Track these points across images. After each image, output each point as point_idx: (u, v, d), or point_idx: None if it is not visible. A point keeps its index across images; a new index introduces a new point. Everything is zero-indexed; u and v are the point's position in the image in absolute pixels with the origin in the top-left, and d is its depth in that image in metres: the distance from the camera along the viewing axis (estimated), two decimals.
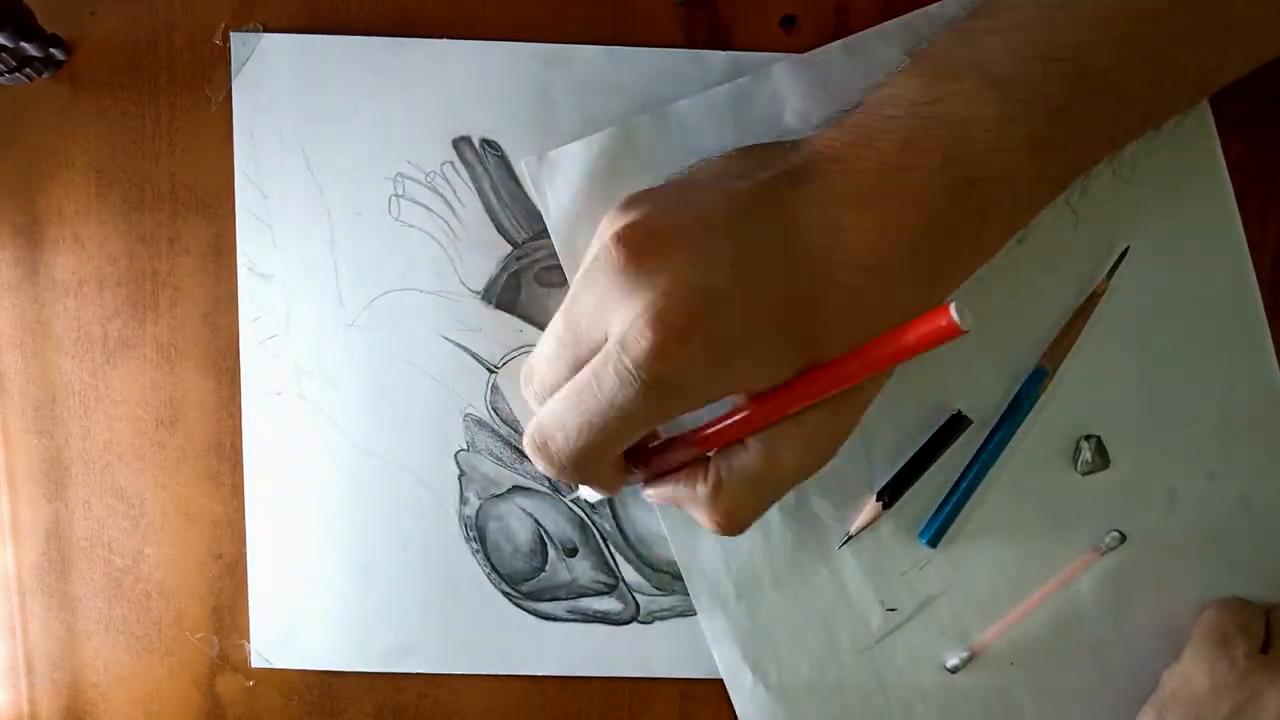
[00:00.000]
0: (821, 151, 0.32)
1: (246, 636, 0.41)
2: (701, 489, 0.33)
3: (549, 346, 0.32)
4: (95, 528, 0.41)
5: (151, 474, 0.41)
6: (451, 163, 0.39)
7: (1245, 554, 0.39)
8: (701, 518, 0.34)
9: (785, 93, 0.38)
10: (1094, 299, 0.39)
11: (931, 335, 0.26)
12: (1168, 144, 0.37)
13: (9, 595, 0.42)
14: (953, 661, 0.40)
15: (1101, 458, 0.39)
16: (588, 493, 0.38)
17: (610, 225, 0.30)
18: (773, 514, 0.40)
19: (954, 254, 0.32)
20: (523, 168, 0.39)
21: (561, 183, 0.38)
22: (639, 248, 0.29)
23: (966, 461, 0.39)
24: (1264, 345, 0.39)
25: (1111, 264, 0.39)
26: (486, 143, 0.39)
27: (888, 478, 0.39)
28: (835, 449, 0.33)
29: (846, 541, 0.40)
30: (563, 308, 0.32)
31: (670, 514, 0.40)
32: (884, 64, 0.35)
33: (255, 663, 0.41)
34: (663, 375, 0.28)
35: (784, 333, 0.30)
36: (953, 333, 0.26)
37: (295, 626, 0.41)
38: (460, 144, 0.39)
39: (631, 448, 0.33)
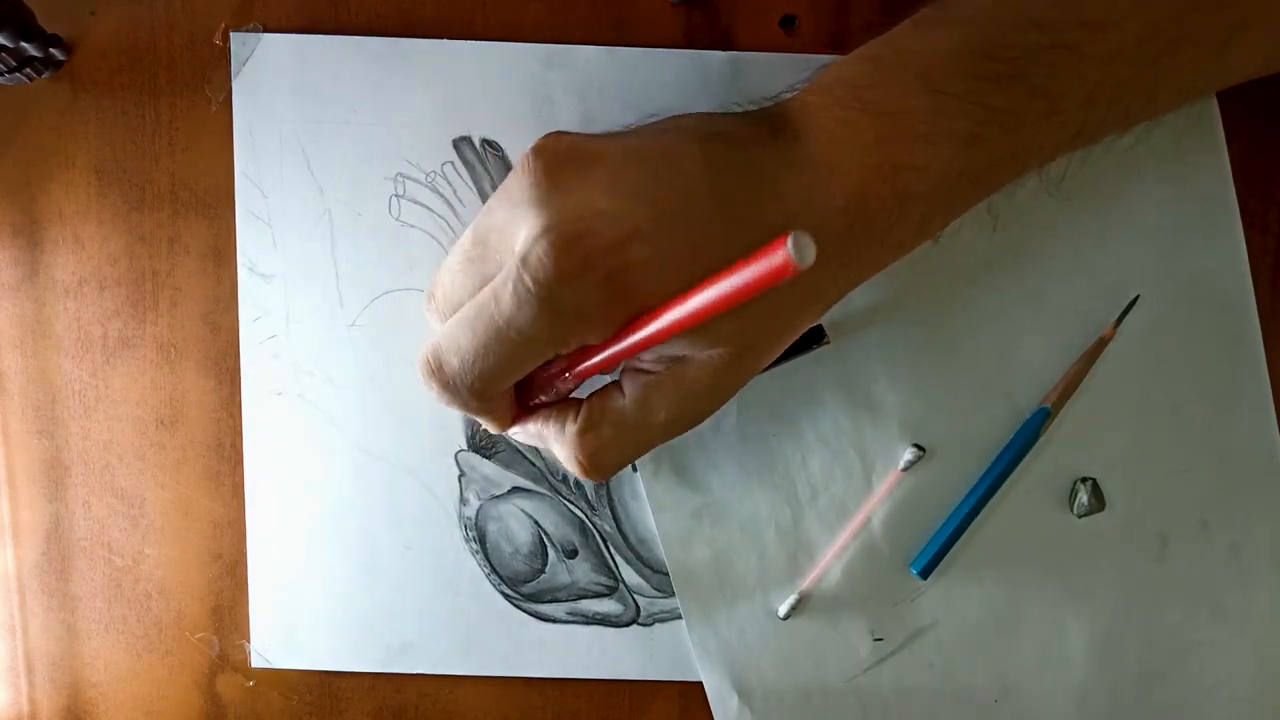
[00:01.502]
0: (760, 120, 0.31)
1: (246, 636, 0.41)
2: (570, 427, 0.32)
3: (454, 259, 0.31)
4: (95, 528, 0.41)
5: (151, 474, 0.41)
6: (451, 163, 0.39)
7: (1234, 602, 0.40)
8: (565, 457, 0.33)
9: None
10: (1101, 345, 0.38)
11: (769, 274, 0.24)
12: (1180, 185, 0.37)
13: (9, 595, 0.42)
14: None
15: (1098, 500, 0.39)
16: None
17: (535, 142, 0.30)
18: (768, 533, 0.40)
19: (867, 236, 0.31)
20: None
21: None
22: (557, 160, 0.28)
23: (963, 495, 0.39)
24: (1264, 395, 0.39)
25: (1121, 312, 0.39)
26: (486, 143, 0.39)
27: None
28: (711, 410, 0.32)
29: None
30: (474, 221, 0.31)
31: (667, 534, 0.40)
32: None
33: (255, 663, 0.41)
34: (562, 298, 0.28)
35: (690, 281, 0.29)
36: (791, 269, 0.24)
37: (295, 626, 0.41)
38: (460, 144, 0.39)
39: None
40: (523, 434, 0.35)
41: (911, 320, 0.39)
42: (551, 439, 0.33)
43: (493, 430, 0.35)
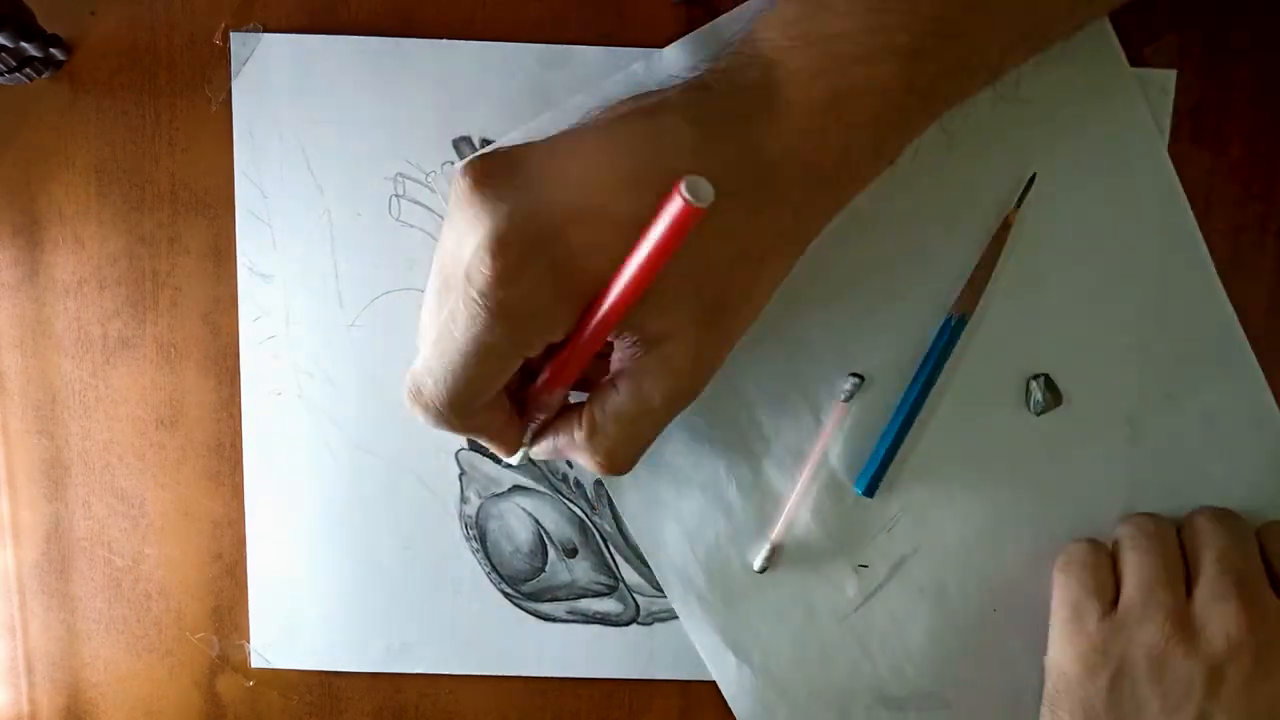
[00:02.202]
0: (689, 83, 0.31)
1: (246, 636, 0.41)
2: (579, 434, 0.33)
3: (428, 298, 0.32)
4: (95, 528, 0.41)
5: (151, 474, 0.41)
6: (451, 163, 0.39)
7: (1217, 471, 0.39)
8: (585, 462, 0.33)
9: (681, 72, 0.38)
10: (1005, 230, 0.38)
11: (674, 224, 0.24)
12: (1061, 59, 0.36)
13: (9, 595, 0.42)
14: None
15: (1053, 395, 0.39)
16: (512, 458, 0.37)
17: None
18: (730, 491, 0.40)
19: (821, 173, 0.31)
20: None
21: None
22: (481, 175, 0.29)
23: (891, 416, 0.39)
24: (1200, 255, 0.38)
25: (1020, 193, 0.38)
26: (486, 143, 0.39)
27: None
28: (705, 379, 0.32)
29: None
30: (436, 254, 0.31)
31: (630, 510, 0.40)
32: None
33: (255, 663, 0.41)
34: (507, 302, 0.28)
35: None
36: (691, 213, 0.24)
37: (295, 626, 0.41)
38: (460, 144, 0.39)
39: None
40: (543, 453, 0.35)
41: (826, 251, 0.37)
42: (568, 450, 0.34)
43: (505, 455, 0.36)
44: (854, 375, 0.39)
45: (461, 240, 0.29)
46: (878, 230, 0.38)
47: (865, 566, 0.40)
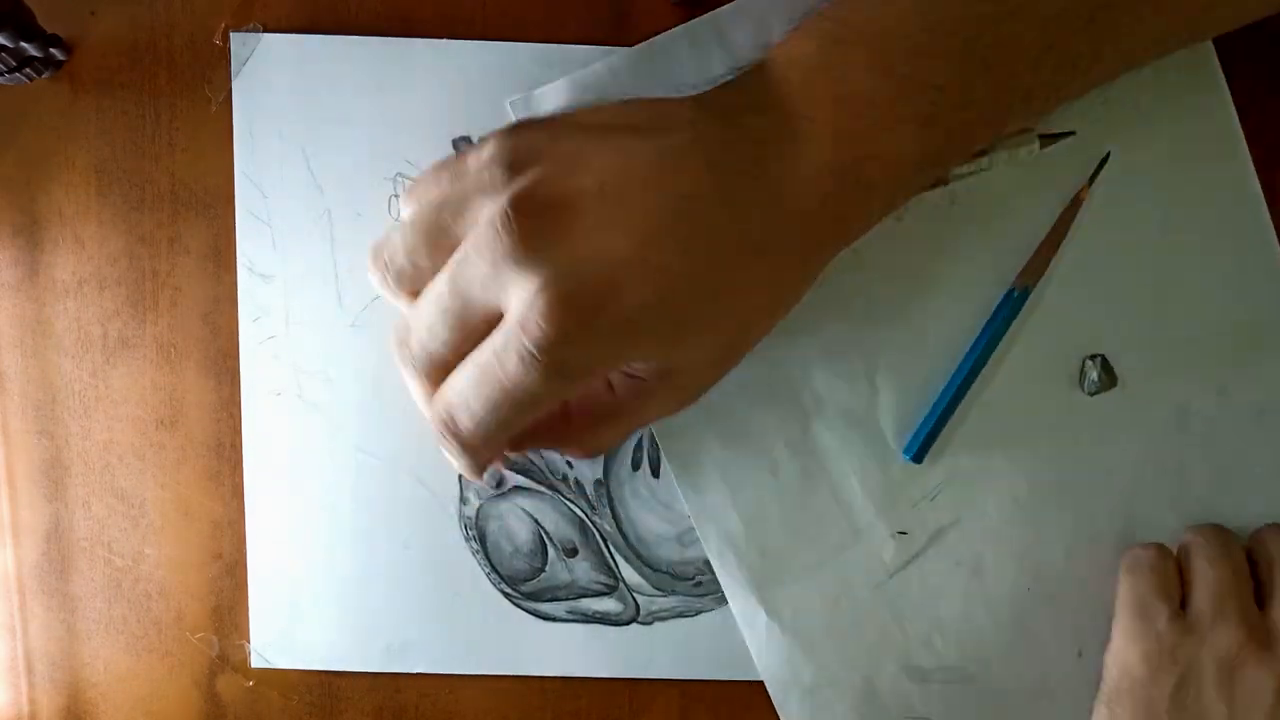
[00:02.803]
0: (716, 113, 0.31)
1: (246, 636, 0.41)
2: (562, 429, 0.34)
3: (430, 312, 0.30)
4: (95, 528, 0.41)
5: (151, 474, 0.41)
6: None
7: (1261, 468, 0.39)
8: (559, 446, 0.35)
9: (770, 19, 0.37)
10: (1074, 207, 0.38)
11: None
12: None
13: (9, 595, 0.42)
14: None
15: (1108, 376, 0.38)
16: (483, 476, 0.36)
17: (503, 176, 0.29)
18: (777, 446, 0.39)
19: (834, 232, 0.31)
20: (508, 107, 0.39)
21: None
22: (535, 222, 0.28)
23: (947, 382, 0.39)
24: (1271, 250, 0.38)
25: (1093, 170, 0.38)
26: None
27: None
28: (700, 395, 0.34)
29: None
30: (449, 272, 0.30)
31: (675, 455, 0.39)
32: None
33: (255, 663, 0.41)
34: (566, 359, 0.28)
35: (688, 306, 0.30)
36: None
37: (295, 626, 0.41)
38: (460, 144, 0.39)
39: None
40: (519, 453, 0.36)
41: (893, 222, 0.38)
42: (547, 443, 0.35)
43: (472, 477, 0.34)
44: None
45: (502, 278, 0.28)
46: (947, 202, 0.38)
47: (904, 534, 0.39)
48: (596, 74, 0.38)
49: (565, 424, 0.34)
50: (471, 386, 0.30)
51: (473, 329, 0.30)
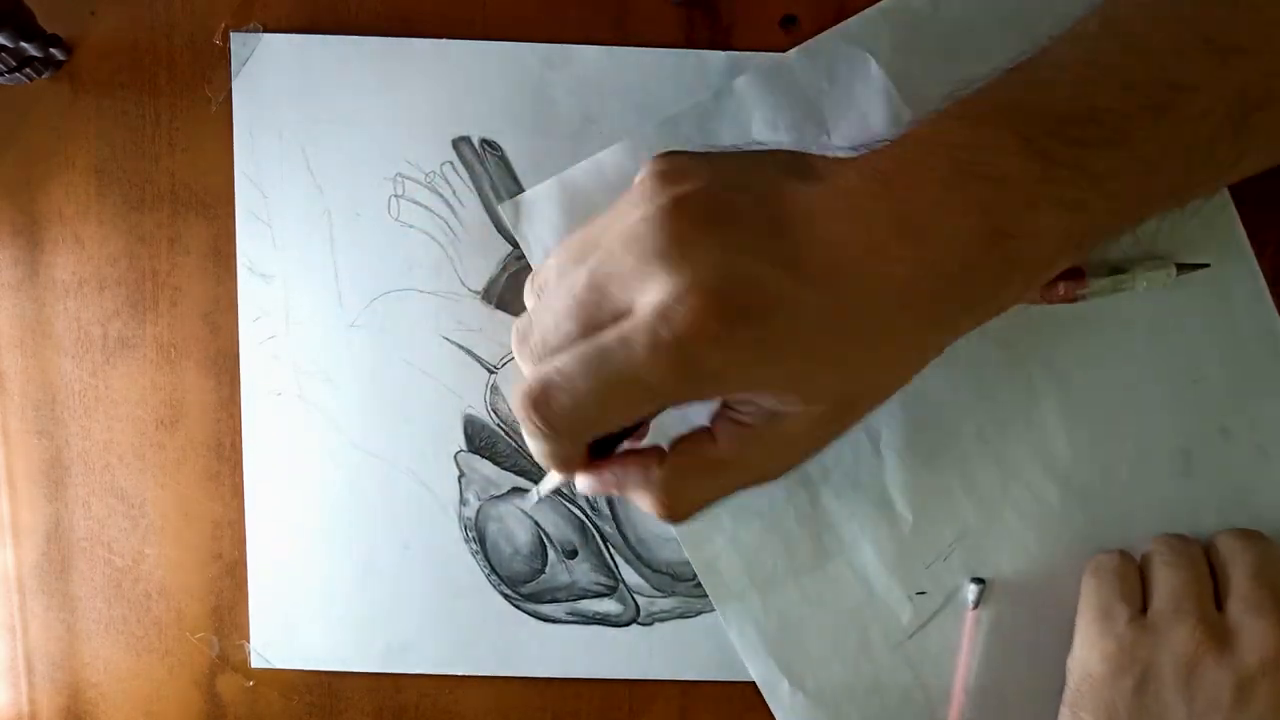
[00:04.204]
0: (867, 174, 0.30)
1: (246, 636, 0.41)
2: (657, 473, 0.32)
3: (561, 301, 0.29)
4: (95, 528, 0.41)
5: (151, 474, 0.41)
6: (451, 163, 0.39)
7: (1269, 502, 0.39)
8: (645, 501, 0.32)
9: (750, 106, 0.38)
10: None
11: None
12: None
13: (9, 595, 0.42)
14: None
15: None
16: (547, 484, 0.36)
17: (661, 185, 0.29)
18: (788, 518, 0.40)
19: (972, 304, 0.31)
20: (500, 212, 0.39)
21: (540, 223, 0.39)
22: (702, 216, 0.28)
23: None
24: (1259, 290, 0.38)
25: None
26: (486, 143, 0.39)
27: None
28: (802, 461, 0.32)
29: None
30: (588, 266, 0.29)
31: (689, 536, 0.40)
32: (846, 61, 0.37)
33: (255, 663, 0.41)
34: (700, 357, 0.27)
35: (823, 349, 0.29)
36: None
37: (295, 626, 0.41)
38: (460, 144, 0.39)
39: None
40: (596, 483, 0.33)
41: None
42: (632, 484, 0.32)
43: (556, 476, 0.34)
44: (976, 580, 0.39)
45: (648, 271, 0.28)
46: None
47: (923, 594, 0.40)
48: (584, 170, 0.38)
49: (655, 463, 0.32)
50: (580, 365, 0.28)
51: (598, 326, 0.28)
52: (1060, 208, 0.30)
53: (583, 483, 0.33)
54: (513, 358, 0.40)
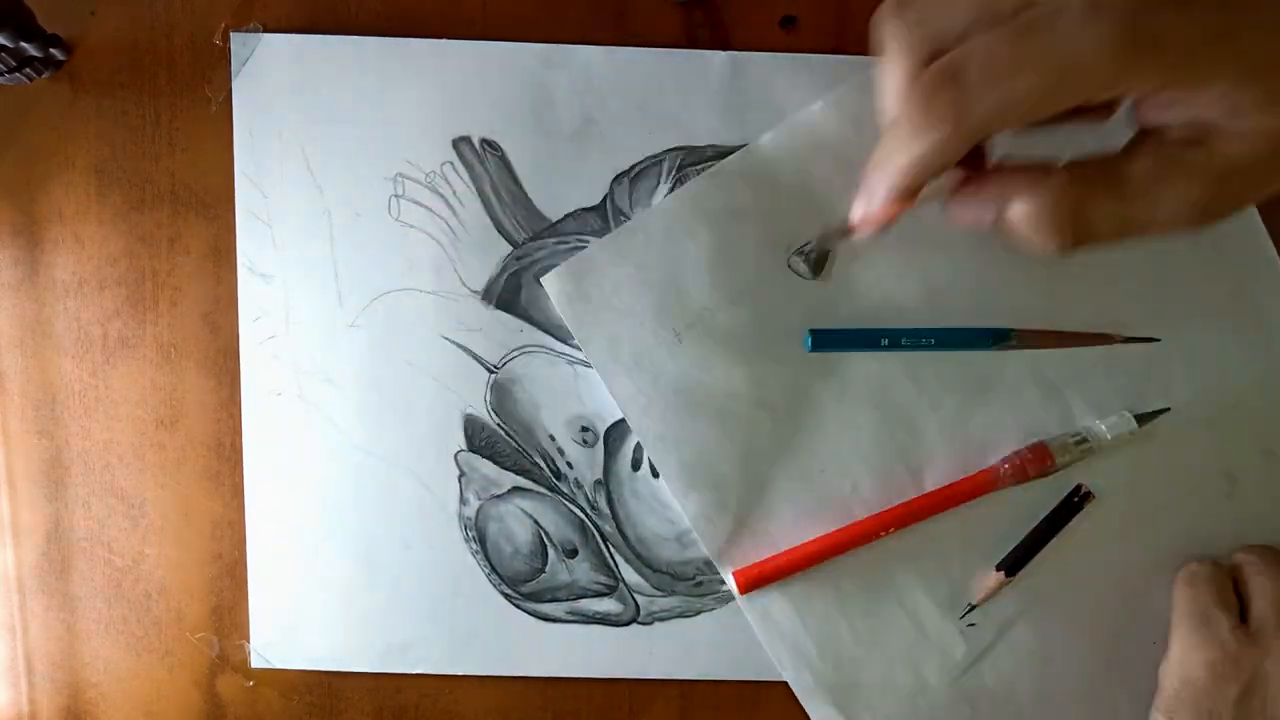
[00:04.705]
0: None
1: (246, 636, 0.41)
2: (1053, 179, 0.26)
3: None
4: (95, 528, 0.41)
5: (151, 474, 0.41)
6: (451, 163, 0.39)
7: None
8: (1037, 214, 0.26)
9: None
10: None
11: None
12: None
13: (9, 595, 0.42)
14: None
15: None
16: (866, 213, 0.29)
17: None
18: (840, 565, 0.40)
19: None
20: (540, 284, 0.39)
21: (579, 292, 0.39)
22: None
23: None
24: None
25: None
26: (486, 143, 0.39)
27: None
28: (1245, 204, 0.26)
29: (969, 611, 0.40)
30: None
31: (747, 598, 0.40)
32: None
33: (255, 663, 0.41)
34: (1150, 22, 0.23)
35: None
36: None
37: (295, 626, 0.41)
38: (460, 144, 0.39)
39: None
40: (974, 195, 0.27)
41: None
42: (1020, 192, 0.26)
43: (882, 214, 0.28)
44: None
45: None
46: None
47: (973, 625, 0.40)
48: (620, 238, 0.39)
49: (1051, 172, 0.26)
50: (1002, 38, 0.24)
51: (998, 11, 0.24)
52: None
53: (959, 201, 0.28)
54: (513, 355, 0.40)
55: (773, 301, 0.39)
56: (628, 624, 0.41)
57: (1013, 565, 0.39)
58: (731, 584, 0.39)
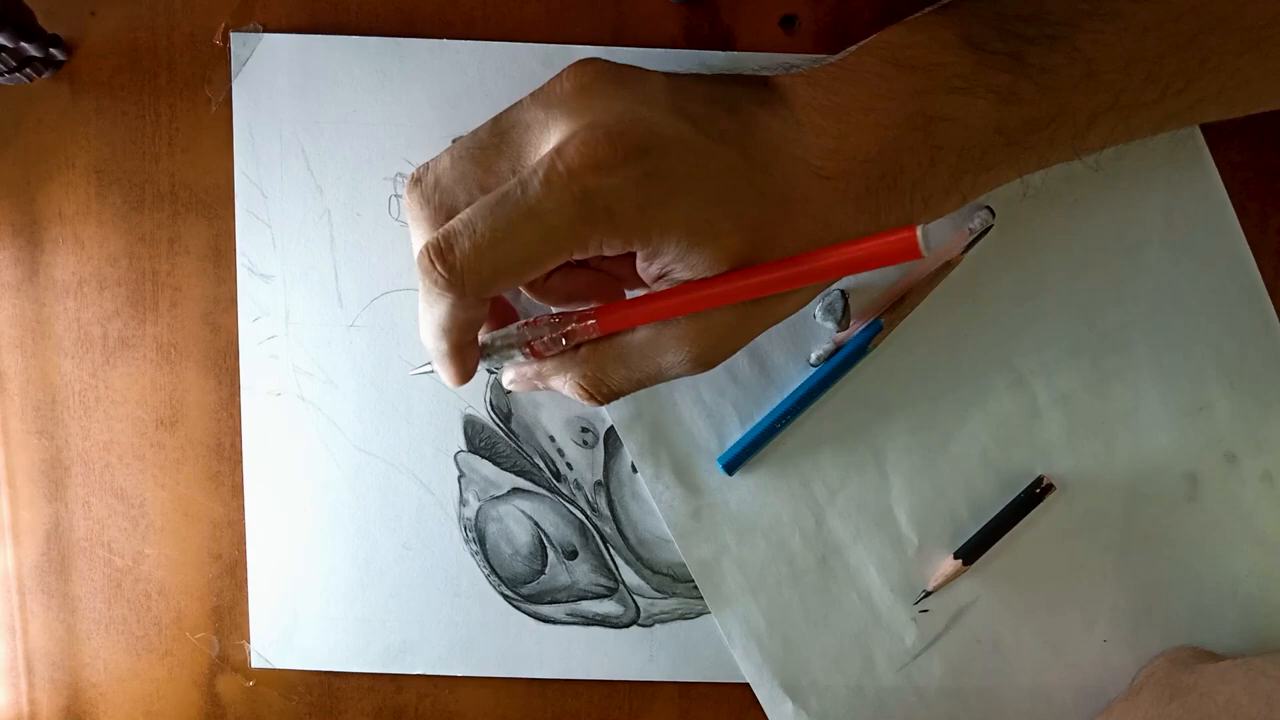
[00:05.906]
0: (801, 77, 0.31)
1: (246, 636, 0.41)
2: (572, 355, 0.31)
3: (462, 146, 0.30)
4: (95, 528, 0.41)
5: (151, 474, 0.41)
6: None
7: (1275, 528, 0.39)
8: (566, 383, 0.32)
9: None
10: (946, 269, 0.38)
11: (888, 251, 0.26)
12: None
13: (9, 595, 0.42)
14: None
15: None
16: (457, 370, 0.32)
17: (577, 64, 0.30)
18: (795, 543, 0.40)
19: (898, 188, 0.31)
20: None
21: None
22: (602, 73, 0.29)
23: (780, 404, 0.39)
24: (1268, 316, 0.39)
25: (973, 237, 0.38)
26: None
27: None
28: (726, 356, 0.31)
29: (924, 598, 0.40)
30: (493, 117, 0.30)
31: (695, 555, 0.40)
32: None
33: (255, 663, 0.41)
34: (594, 189, 0.27)
35: (725, 204, 0.29)
36: (911, 254, 0.25)
37: (295, 626, 0.41)
38: None
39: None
40: (517, 378, 0.33)
41: (916, 321, 0.39)
42: (551, 371, 0.32)
43: (452, 379, 0.32)
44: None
45: (553, 118, 0.29)
46: (950, 297, 0.39)
47: (925, 612, 0.40)
48: None
49: (573, 348, 0.32)
50: (483, 210, 0.28)
51: (493, 166, 0.30)
52: (993, 95, 0.30)
53: (508, 375, 0.33)
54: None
55: None
56: (628, 626, 0.41)
57: (970, 553, 0.39)
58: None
